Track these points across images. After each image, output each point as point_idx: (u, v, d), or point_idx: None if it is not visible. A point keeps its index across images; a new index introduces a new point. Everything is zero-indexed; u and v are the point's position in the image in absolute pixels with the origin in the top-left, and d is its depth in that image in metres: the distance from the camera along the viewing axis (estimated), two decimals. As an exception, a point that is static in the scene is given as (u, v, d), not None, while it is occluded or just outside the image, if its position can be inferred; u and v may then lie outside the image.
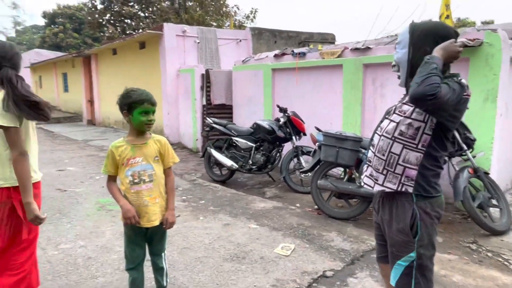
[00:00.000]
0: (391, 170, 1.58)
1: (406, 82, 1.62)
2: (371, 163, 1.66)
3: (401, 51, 1.61)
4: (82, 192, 4.82)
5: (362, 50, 5.23)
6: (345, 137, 3.85)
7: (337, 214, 4.02)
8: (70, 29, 32.12)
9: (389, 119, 1.60)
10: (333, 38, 12.51)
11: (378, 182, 1.62)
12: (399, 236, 1.58)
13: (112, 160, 2.06)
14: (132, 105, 1.99)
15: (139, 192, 2.04)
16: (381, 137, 1.61)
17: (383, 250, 1.78)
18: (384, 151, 1.59)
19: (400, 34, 1.63)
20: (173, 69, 8.87)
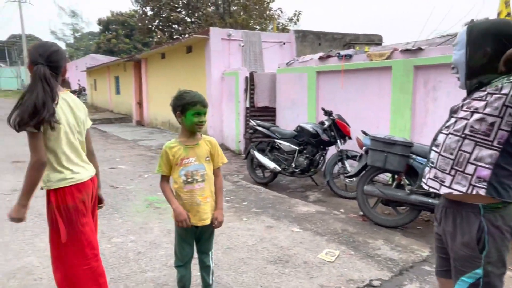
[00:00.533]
0: (460, 170, 1.43)
1: (466, 84, 1.51)
2: (435, 164, 1.52)
3: (458, 53, 1.51)
4: (132, 189, 5.06)
5: (413, 51, 5.01)
6: (394, 141, 3.70)
7: (384, 221, 3.87)
8: (122, 35, 34.07)
9: (456, 116, 1.47)
10: (380, 40, 12.11)
11: (444, 184, 1.47)
12: (464, 250, 1.45)
13: (166, 160, 2.12)
14: (186, 107, 2.04)
15: (192, 191, 2.10)
16: (448, 135, 1.47)
17: (444, 264, 1.65)
18: (453, 149, 1.45)
19: (458, 34, 1.54)
20: (218, 72, 9.08)
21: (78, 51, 45.63)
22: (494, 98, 1.35)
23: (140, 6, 19.91)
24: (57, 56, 1.90)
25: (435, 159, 1.53)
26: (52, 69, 1.86)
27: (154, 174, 5.93)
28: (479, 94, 1.41)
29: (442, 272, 1.68)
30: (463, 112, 1.45)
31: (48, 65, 1.84)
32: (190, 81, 10.32)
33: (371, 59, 5.53)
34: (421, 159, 3.68)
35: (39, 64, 1.80)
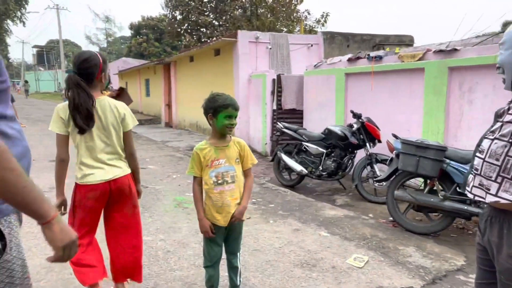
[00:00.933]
0: (508, 177, 1.35)
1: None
2: (479, 171, 1.46)
3: (506, 53, 1.44)
4: (161, 189, 5.19)
5: (447, 52, 4.84)
6: (427, 145, 3.58)
7: (415, 228, 3.75)
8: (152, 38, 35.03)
9: (502, 121, 1.41)
10: (411, 40, 11.77)
11: (490, 192, 1.40)
12: (510, 262, 1.37)
13: (197, 162, 2.16)
14: (217, 109, 2.08)
15: (222, 193, 2.13)
16: (494, 141, 1.40)
17: (485, 277, 1.57)
18: (499, 155, 1.37)
19: (505, 33, 1.46)
20: (246, 74, 9.14)
21: (110, 54, 47.39)
22: None
23: (170, 11, 20.41)
24: (87, 64, 2.09)
25: (479, 165, 1.46)
26: (83, 76, 2.07)
27: (183, 174, 6.05)
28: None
29: (482, 284, 1.60)
30: (509, 115, 1.39)
31: (79, 73, 2.07)
32: (217, 83, 10.45)
33: (402, 60, 5.38)
34: (455, 163, 3.54)
35: (72, 72, 2.07)
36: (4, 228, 1.06)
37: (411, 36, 11.98)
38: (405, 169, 3.71)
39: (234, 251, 2.31)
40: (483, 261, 1.57)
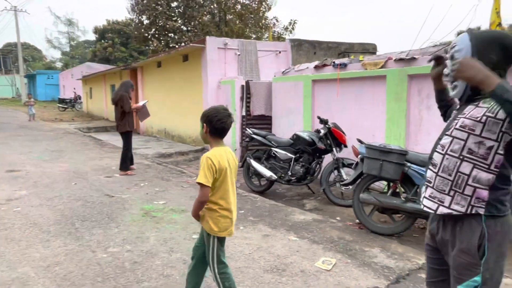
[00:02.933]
0: (459, 191, 1.46)
1: (464, 93, 1.51)
2: (432, 184, 1.54)
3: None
4: (128, 198, 5.04)
5: (407, 60, 5.09)
6: (389, 149, 3.74)
7: (380, 229, 3.89)
8: (118, 43, 34.16)
9: (452, 135, 1.49)
10: (374, 48, 12.27)
11: (443, 204, 1.49)
12: (463, 257, 1.46)
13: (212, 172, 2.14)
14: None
15: None
16: (445, 156, 1.49)
17: (436, 275, 1.66)
18: (451, 170, 1.47)
19: (459, 42, 1.51)
20: (214, 80, 9.12)
21: (73, 59, 45.64)
22: (492, 123, 1.39)
23: (136, 15, 20.02)
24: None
25: (432, 178, 1.54)
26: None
27: (151, 182, 5.93)
28: (474, 114, 1.44)
29: (433, 283, 1.69)
30: (458, 131, 1.47)
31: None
32: (186, 89, 10.36)
33: (366, 68, 5.60)
34: (416, 167, 3.72)
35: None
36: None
37: (374, 44, 12.49)
38: (369, 172, 3.85)
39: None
40: (433, 261, 1.66)
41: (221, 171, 2.14)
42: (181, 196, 5.16)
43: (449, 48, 1.58)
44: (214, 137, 2.22)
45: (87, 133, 13.20)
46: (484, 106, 1.43)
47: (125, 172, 6.55)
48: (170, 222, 4.09)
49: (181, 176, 6.52)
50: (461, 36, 1.52)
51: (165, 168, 7.28)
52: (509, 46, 1.44)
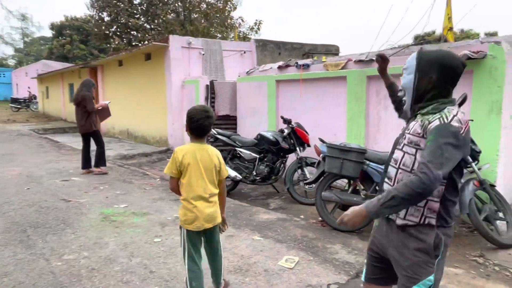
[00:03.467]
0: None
1: (411, 107, 1.63)
2: None
3: (408, 77, 1.61)
4: (86, 202, 4.83)
5: (366, 62, 5.26)
6: (349, 148, 3.85)
7: (342, 226, 3.99)
8: (77, 40, 32.67)
9: (403, 150, 1.57)
10: (337, 50, 12.61)
11: (399, 216, 1.56)
12: (418, 256, 1.50)
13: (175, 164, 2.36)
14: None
15: None
16: (399, 170, 1.57)
17: (376, 272, 1.76)
18: None
19: (408, 59, 1.63)
20: (178, 80, 8.97)
21: (28, 56, 43.04)
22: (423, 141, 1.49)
23: (97, 11, 19.22)
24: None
25: None
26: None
27: (111, 186, 5.71)
28: (416, 129, 1.54)
29: (373, 279, 1.79)
30: (408, 147, 1.56)
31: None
32: (149, 89, 10.10)
33: (327, 69, 5.73)
34: (374, 165, 3.86)
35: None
36: None
37: (337, 46, 12.83)
38: (331, 171, 3.94)
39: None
40: (375, 259, 1.75)
41: (184, 165, 2.29)
42: (143, 199, 5.02)
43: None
44: (192, 135, 2.37)
45: (43, 135, 12.49)
46: (420, 122, 1.53)
47: (99, 170, 6.58)
48: (131, 226, 3.96)
49: (144, 178, 6.34)
50: (412, 55, 1.63)
51: (127, 170, 7.05)
52: (447, 66, 1.52)
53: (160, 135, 9.81)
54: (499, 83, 3.84)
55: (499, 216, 3.64)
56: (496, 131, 3.90)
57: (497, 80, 3.85)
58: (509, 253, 3.39)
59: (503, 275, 2.98)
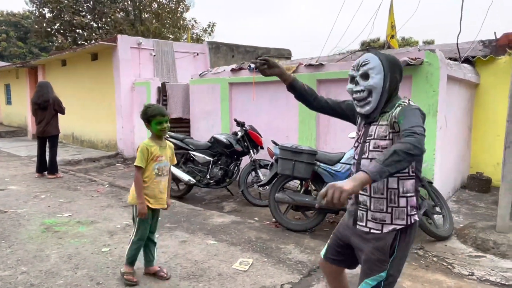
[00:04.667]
0: (396, 206, 1.57)
1: (376, 107, 1.61)
2: (368, 207, 1.62)
3: (377, 77, 1.60)
4: (24, 213, 4.46)
5: (316, 66, 5.44)
6: (300, 150, 3.95)
7: (295, 226, 4.08)
8: (15, 37, 30.20)
9: (369, 158, 1.60)
10: (289, 54, 12.90)
11: (386, 223, 1.58)
12: (375, 254, 1.58)
13: (146, 155, 2.68)
14: (149, 119, 2.66)
15: (159, 182, 2.77)
16: None
17: (336, 255, 1.87)
18: (382, 190, 1.58)
19: (371, 60, 1.62)
20: (128, 82, 8.63)
21: (-44, 53, 38.94)
22: (396, 136, 1.54)
23: (37, 7, 17.90)
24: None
25: (367, 202, 1.63)
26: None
27: (54, 194, 5.33)
28: (381, 133, 1.58)
29: (331, 259, 1.90)
30: (374, 152, 1.58)
31: None
32: (96, 91, 9.61)
33: (279, 72, 5.83)
34: (324, 165, 3.99)
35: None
36: None
37: (289, 50, 13.14)
38: (283, 172, 4.01)
39: (155, 230, 2.91)
40: (339, 245, 1.84)
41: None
42: (90, 207, 4.75)
43: (358, 65, 1.65)
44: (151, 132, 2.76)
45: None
46: (384, 123, 1.58)
47: (55, 176, 6.41)
48: (76, 236, 3.73)
49: (90, 185, 6.01)
50: (369, 55, 1.63)
51: (72, 176, 6.64)
52: (401, 67, 1.69)
53: (109, 139, 9.36)
54: (434, 87, 4.16)
55: (436, 210, 3.94)
56: (433, 132, 4.22)
57: (433, 85, 4.17)
58: (445, 244, 3.67)
59: (440, 265, 3.23)
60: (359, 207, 1.66)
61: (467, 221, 4.25)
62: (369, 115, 1.64)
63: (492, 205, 4.84)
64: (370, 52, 1.66)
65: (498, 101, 5.67)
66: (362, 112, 1.65)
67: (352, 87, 1.70)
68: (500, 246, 3.45)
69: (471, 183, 5.65)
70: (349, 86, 1.71)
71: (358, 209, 1.67)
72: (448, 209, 4.02)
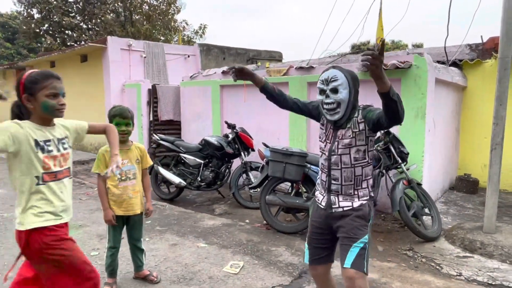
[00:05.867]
0: (360, 187, 1.97)
1: (343, 117, 1.93)
2: (340, 192, 1.98)
3: (344, 92, 1.90)
4: (11, 217, 4.38)
5: (306, 69, 5.48)
6: (291, 152, 3.96)
7: (285, 228, 4.09)
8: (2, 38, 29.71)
9: (339, 154, 1.95)
10: (280, 56, 12.96)
11: (354, 201, 1.96)
12: (357, 221, 1.91)
13: (103, 161, 2.56)
14: (110, 118, 2.59)
15: (125, 188, 2.62)
16: (342, 170, 1.95)
17: (320, 253, 2.08)
18: (350, 178, 1.95)
19: (339, 76, 1.90)
20: (118, 83, 8.56)
21: None
22: (358, 134, 1.91)
23: (25, 8, 17.66)
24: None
25: (339, 189, 1.98)
26: None
27: (42, 197, 5.24)
28: (346, 134, 1.94)
29: (317, 260, 2.10)
30: (342, 149, 1.95)
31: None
32: (86, 92, 9.52)
33: (270, 75, 5.86)
34: (315, 167, 4.01)
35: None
36: None
37: (280, 52, 13.20)
38: (274, 175, 4.02)
39: (138, 237, 2.79)
40: (317, 241, 2.08)
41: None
42: (79, 210, 4.69)
43: (328, 81, 1.92)
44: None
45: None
46: (349, 126, 1.94)
47: None
48: (64, 240, 3.67)
49: (80, 188, 5.94)
50: (336, 72, 1.92)
51: (61, 179, 6.54)
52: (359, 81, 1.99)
53: (98, 141, 9.26)
54: (423, 90, 4.22)
55: (425, 211, 3.99)
56: (421, 134, 4.28)
57: (421, 88, 4.23)
58: (434, 245, 3.72)
59: (429, 266, 3.27)
60: (331, 194, 2.00)
61: (455, 222, 4.31)
62: (337, 121, 1.96)
63: (479, 206, 4.92)
64: (336, 69, 1.93)
65: (485, 104, 5.78)
66: (332, 119, 1.96)
67: (322, 98, 1.97)
68: (487, 246, 3.51)
69: (459, 184, 5.73)
70: (320, 98, 1.99)
71: (330, 196, 2.01)
72: (437, 210, 4.07)
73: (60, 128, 1.90)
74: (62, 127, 1.93)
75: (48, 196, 1.79)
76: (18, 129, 1.70)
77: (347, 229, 1.91)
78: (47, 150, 1.78)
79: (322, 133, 2.08)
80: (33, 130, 1.75)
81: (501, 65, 3.58)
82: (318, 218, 2.07)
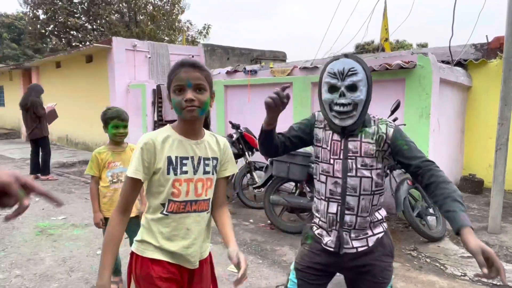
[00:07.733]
0: (375, 220, 1.52)
1: (357, 121, 1.44)
2: (353, 226, 1.48)
3: (364, 89, 1.43)
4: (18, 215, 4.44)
5: (310, 69, 5.48)
6: (295, 152, 3.96)
7: (290, 228, 4.10)
8: (8, 39, 29.97)
9: (358, 176, 1.45)
10: (284, 56, 12.96)
11: (368, 236, 1.50)
12: (385, 260, 1.51)
13: (96, 163, 2.51)
14: (106, 121, 2.51)
15: (116, 190, 2.51)
16: (361, 197, 1.46)
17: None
18: (368, 208, 1.47)
19: (357, 68, 1.42)
20: (123, 84, 8.61)
21: None
22: (380, 154, 1.45)
23: (31, 8, 17.81)
24: None
25: (352, 221, 1.48)
26: None
27: (48, 196, 5.30)
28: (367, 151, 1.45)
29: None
30: (365, 171, 1.45)
31: None
32: (91, 93, 9.59)
33: (274, 75, 5.88)
34: (319, 167, 4.01)
35: None
36: None
37: (284, 52, 13.20)
38: (278, 175, 4.03)
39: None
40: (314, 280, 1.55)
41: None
42: (84, 209, 4.74)
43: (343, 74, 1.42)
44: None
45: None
46: (370, 141, 1.45)
47: (46, 177, 6.44)
48: (70, 239, 3.72)
49: (85, 187, 5.99)
50: (353, 63, 1.42)
51: (67, 179, 6.61)
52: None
53: (103, 142, 9.32)
54: (427, 90, 4.22)
55: (430, 212, 3.99)
56: (426, 134, 4.27)
57: (425, 88, 4.22)
58: (438, 245, 3.72)
59: (433, 266, 3.27)
60: (343, 229, 1.48)
61: (460, 222, 4.30)
62: (346, 128, 1.44)
63: (484, 207, 4.90)
64: (352, 59, 1.43)
65: (490, 104, 5.76)
66: (343, 125, 1.44)
67: (333, 98, 1.43)
68: (491, 247, 3.50)
69: (464, 184, 5.71)
70: (330, 97, 1.45)
71: (342, 232, 1.48)
72: (441, 210, 4.05)
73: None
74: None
75: None
76: None
77: (375, 272, 1.48)
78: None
79: (321, 150, 1.53)
80: None
81: (507, 66, 3.57)
82: (320, 261, 1.53)
